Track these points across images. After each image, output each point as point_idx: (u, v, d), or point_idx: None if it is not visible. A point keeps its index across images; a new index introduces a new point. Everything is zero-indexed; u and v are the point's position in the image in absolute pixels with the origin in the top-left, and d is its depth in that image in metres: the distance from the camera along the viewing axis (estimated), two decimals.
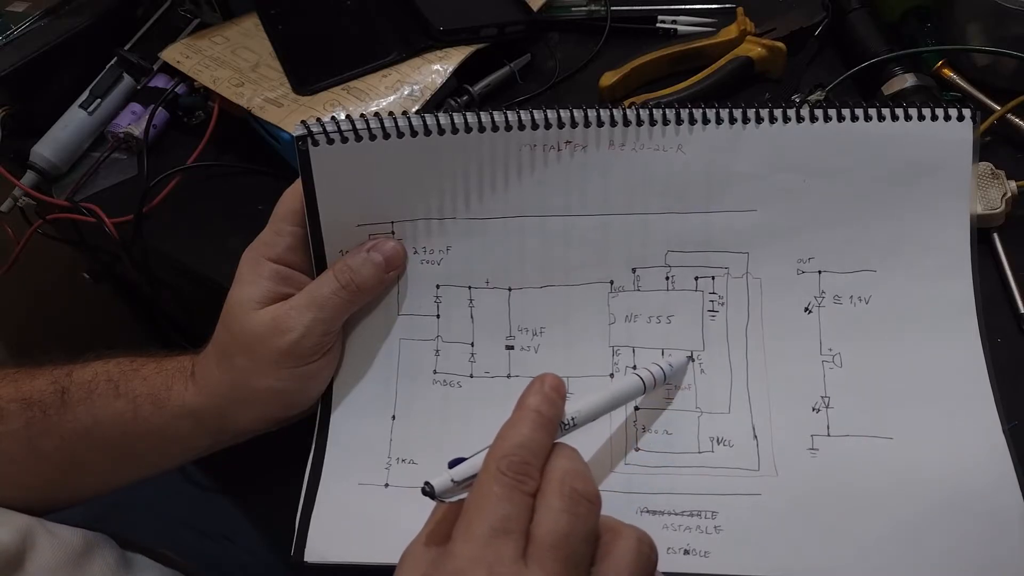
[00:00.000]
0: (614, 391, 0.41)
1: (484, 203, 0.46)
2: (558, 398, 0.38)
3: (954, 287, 0.45)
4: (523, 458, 0.35)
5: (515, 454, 0.35)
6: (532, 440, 0.36)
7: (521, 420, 0.37)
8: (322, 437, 0.46)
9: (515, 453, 0.35)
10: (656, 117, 0.45)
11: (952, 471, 0.42)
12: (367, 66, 0.64)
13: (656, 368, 0.43)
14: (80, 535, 0.47)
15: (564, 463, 0.36)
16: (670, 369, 0.44)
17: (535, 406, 0.37)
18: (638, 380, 0.43)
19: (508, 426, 0.37)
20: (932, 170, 0.45)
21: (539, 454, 0.36)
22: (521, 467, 0.35)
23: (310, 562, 0.43)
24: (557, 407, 0.38)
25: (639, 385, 0.43)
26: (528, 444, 0.36)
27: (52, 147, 0.67)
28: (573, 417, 0.39)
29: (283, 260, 0.45)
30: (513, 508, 0.34)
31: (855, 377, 0.45)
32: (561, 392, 0.38)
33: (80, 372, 0.47)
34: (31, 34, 0.69)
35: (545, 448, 0.36)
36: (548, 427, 0.37)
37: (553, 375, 0.39)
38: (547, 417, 0.37)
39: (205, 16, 0.72)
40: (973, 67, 0.61)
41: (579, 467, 0.36)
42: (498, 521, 0.33)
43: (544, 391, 0.38)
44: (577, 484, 0.35)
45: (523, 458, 0.35)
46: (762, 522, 0.42)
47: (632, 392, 0.42)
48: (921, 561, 0.41)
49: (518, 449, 0.35)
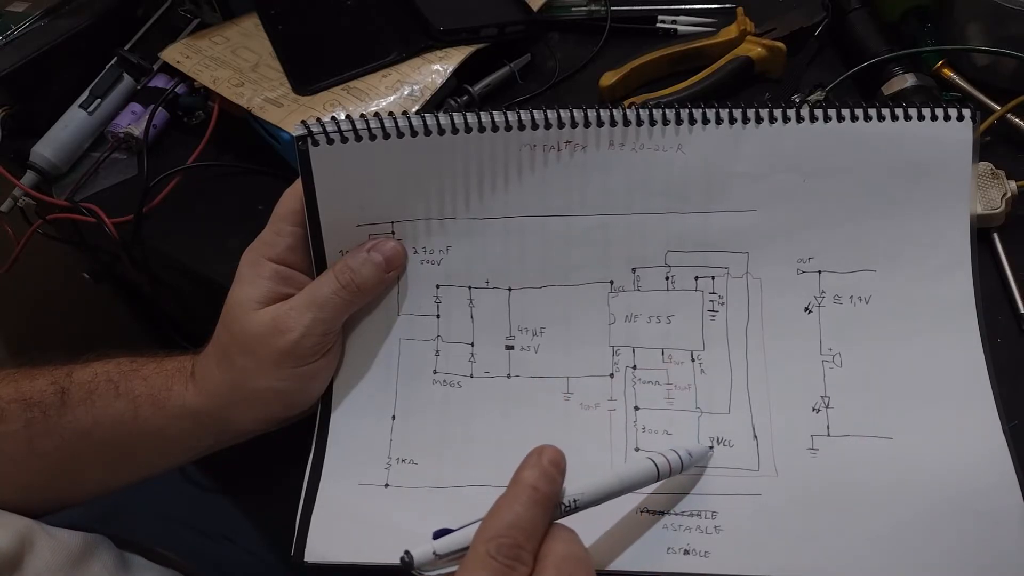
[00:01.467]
0: (623, 476, 0.38)
1: (484, 203, 0.46)
2: (557, 473, 0.35)
3: (954, 287, 0.45)
4: (515, 540, 0.32)
5: (506, 535, 0.32)
6: (524, 519, 0.33)
7: (515, 497, 0.34)
8: (322, 437, 0.46)
9: (506, 534, 0.32)
10: (656, 117, 0.45)
11: (952, 471, 0.42)
12: (367, 66, 0.64)
13: (674, 456, 0.41)
14: (79, 537, 0.47)
15: (560, 548, 0.33)
16: (688, 458, 0.41)
17: (531, 482, 0.34)
18: (652, 466, 0.39)
19: (501, 502, 0.34)
20: (932, 170, 0.45)
21: (533, 536, 0.33)
22: (512, 551, 0.32)
23: (310, 562, 0.43)
24: (555, 483, 0.35)
25: (652, 472, 0.39)
26: (521, 524, 0.33)
27: (52, 147, 0.67)
28: (575, 499, 0.36)
29: (283, 260, 0.45)
30: None
31: (855, 377, 0.45)
32: (560, 467, 0.35)
33: (80, 372, 0.47)
34: (31, 34, 0.69)
35: (540, 529, 0.34)
36: (544, 505, 0.34)
37: (553, 448, 0.36)
38: (544, 494, 0.34)
39: (205, 16, 0.72)
40: (973, 67, 0.61)
41: (576, 552, 0.34)
42: None
43: (542, 465, 0.35)
44: (576, 572, 0.33)
45: (515, 540, 0.32)
46: (762, 522, 0.42)
47: (643, 479, 0.39)
48: (921, 561, 0.41)
49: (509, 529, 0.33)
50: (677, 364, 0.46)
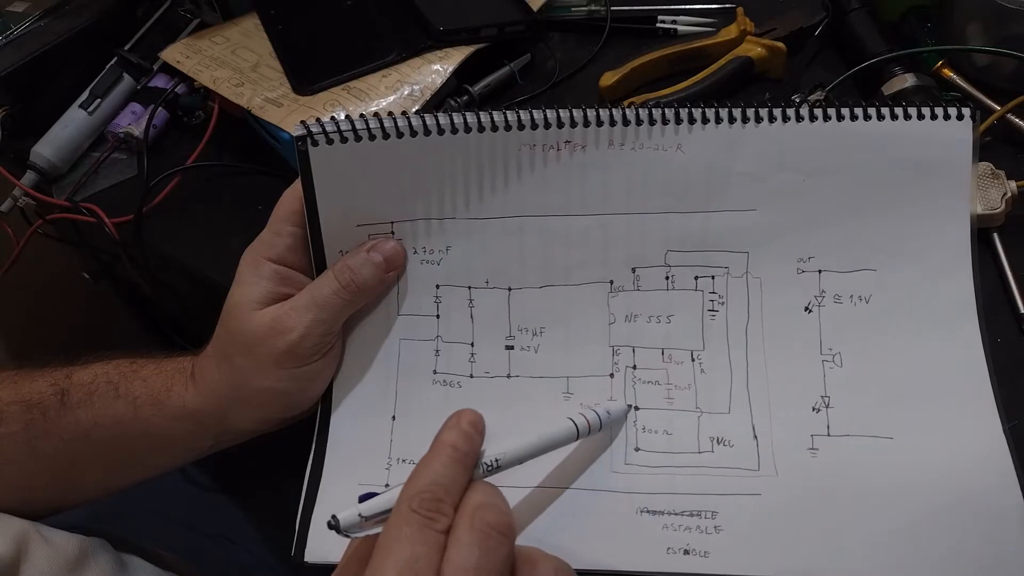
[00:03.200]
0: (542, 435, 0.40)
1: (484, 203, 0.46)
2: (475, 433, 0.37)
3: (954, 287, 0.45)
4: (435, 494, 0.34)
5: (427, 491, 0.34)
6: (445, 476, 0.35)
7: (435, 456, 0.36)
8: (322, 437, 0.46)
9: (427, 490, 0.34)
10: (656, 117, 0.45)
11: (952, 471, 0.42)
12: (367, 66, 0.64)
13: (592, 414, 0.42)
14: (76, 541, 0.47)
15: (478, 497, 0.35)
16: (607, 416, 0.43)
17: (450, 441, 0.36)
18: (571, 425, 0.41)
19: (422, 463, 0.36)
20: (932, 170, 0.45)
21: (452, 490, 0.35)
22: (433, 504, 0.34)
23: (310, 562, 0.43)
24: (473, 442, 0.37)
25: (571, 431, 0.41)
26: (440, 480, 0.35)
27: (52, 147, 0.67)
28: (497, 458, 0.37)
29: (283, 260, 0.45)
30: (423, 548, 0.33)
31: (855, 377, 0.45)
32: (479, 428, 0.37)
33: (80, 374, 0.47)
34: (31, 34, 0.69)
35: (459, 484, 0.35)
36: (463, 462, 0.36)
37: (471, 411, 0.38)
38: (462, 452, 0.36)
39: (205, 16, 0.72)
40: (973, 67, 0.61)
41: (492, 500, 0.35)
42: (407, 562, 0.32)
43: (461, 426, 0.37)
44: (488, 516, 0.34)
45: (435, 494, 0.34)
46: (762, 522, 0.42)
47: (564, 438, 0.41)
48: (921, 561, 0.41)
49: (430, 486, 0.34)
50: (677, 364, 0.46)
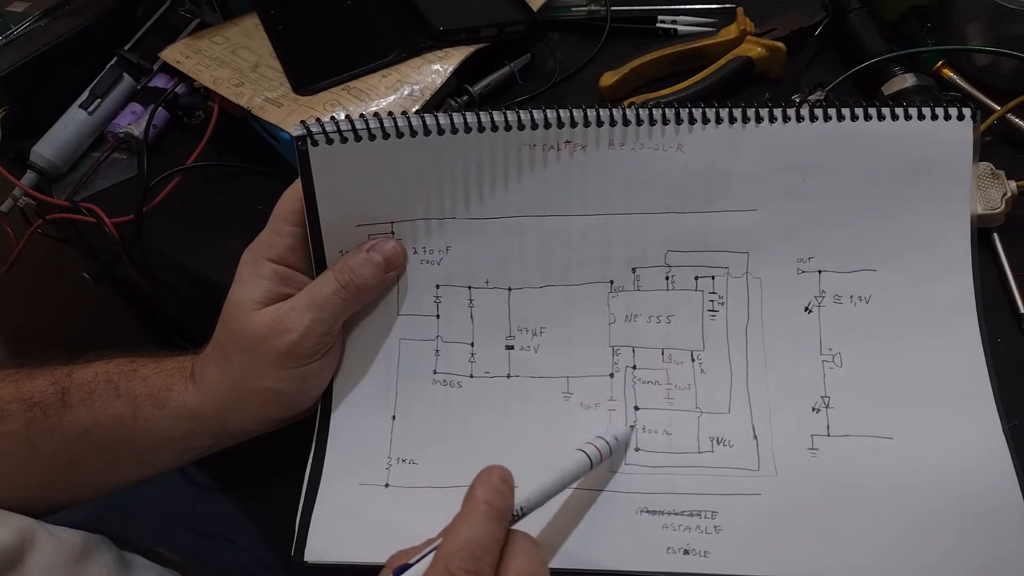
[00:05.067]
0: (561, 472, 0.40)
1: (484, 203, 0.46)
2: (507, 489, 0.36)
3: (954, 287, 0.45)
4: (474, 554, 0.33)
5: (465, 551, 0.33)
6: (483, 534, 0.34)
7: (471, 514, 0.35)
8: (322, 437, 0.46)
9: (465, 550, 0.33)
10: (656, 117, 0.45)
11: (952, 471, 0.42)
12: (367, 66, 0.64)
13: (601, 443, 0.42)
14: (79, 536, 0.47)
15: (518, 562, 0.34)
16: (615, 443, 0.43)
17: (485, 498, 0.35)
18: (584, 457, 0.41)
19: (458, 520, 0.35)
20: (932, 170, 0.45)
21: (492, 548, 0.34)
22: (472, 564, 0.33)
23: (310, 562, 0.43)
24: (508, 499, 0.36)
25: (586, 462, 0.41)
26: (479, 539, 0.34)
27: (52, 147, 0.67)
28: (522, 506, 0.37)
29: (283, 260, 0.45)
30: None
31: (855, 377, 0.45)
32: (510, 483, 0.37)
33: (80, 373, 0.47)
34: (31, 34, 0.69)
35: (498, 541, 0.34)
36: (500, 519, 0.35)
37: (501, 467, 0.37)
38: (498, 509, 0.35)
39: (205, 16, 0.72)
40: (973, 67, 0.61)
41: (535, 565, 0.34)
42: None
43: (493, 482, 0.36)
44: None
45: (474, 554, 0.33)
46: (762, 522, 0.42)
47: (580, 471, 0.41)
48: (921, 560, 0.41)
49: (468, 543, 0.33)
50: (677, 364, 0.46)
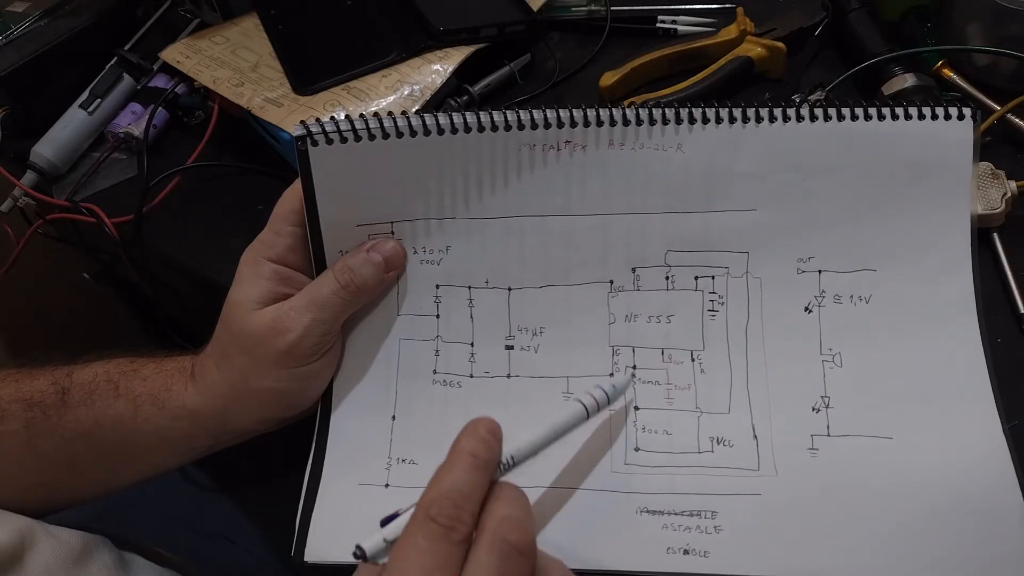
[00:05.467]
0: (554, 423, 0.39)
1: (484, 203, 0.46)
2: (494, 440, 0.36)
3: (954, 287, 0.45)
4: (455, 502, 0.33)
5: (446, 498, 0.33)
6: (464, 483, 0.33)
7: (454, 463, 0.34)
8: (322, 437, 0.46)
9: (446, 496, 0.33)
10: (656, 117, 0.45)
11: (952, 471, 0.42)
12: (367, 66, 0.64)
13: (599, 391, 0.42)
14: (79, 536, 0.47)
15: (501, 509, 0.34)
16: (613, 391, 0.42)
17: (469, 448, 0.35)
18: (579, 406, 0.41)
19: (440, 470, 0.34)
20: (932, 170, 0.45)
21: (472, 498, 0.33)
22: (452, 511, 0.32)
23: (310, 562, 0.43)
24: (493, 449, 0.35)
25: (580, 412, 0.41)
26: (460, 487, 0.33)
27: (52, 147, 0.67)
28: (512, 456, 0.37)
29: (283, 260, 0.45)
30: (438, 560, 0.31)
31: (855, 377, 0.45)
32: (497, 435, 0.36)
33: (80, 373, 0.47)
34: (31, 34, 0.69)
35: (480, 490, 0.34)
36: (484, 469, 0.34)
37: (489, 419, 0.36)
38: (482, 459, 0.34)
39: (205, 16, 0.72)
40: (973, 67, 0.61)
41: (516, 513, 0.34)
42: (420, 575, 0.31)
43: (479, 433, 0.35)
44: (511, 535, 0.32)
45: (455, 502, 0.33)
46: (762, 522, 0.42)
47: (573, 421, 0.40)
48: (921, 561, 0.41)
49: (449, 493, 0.33)
50: (677, 364, 0.46)
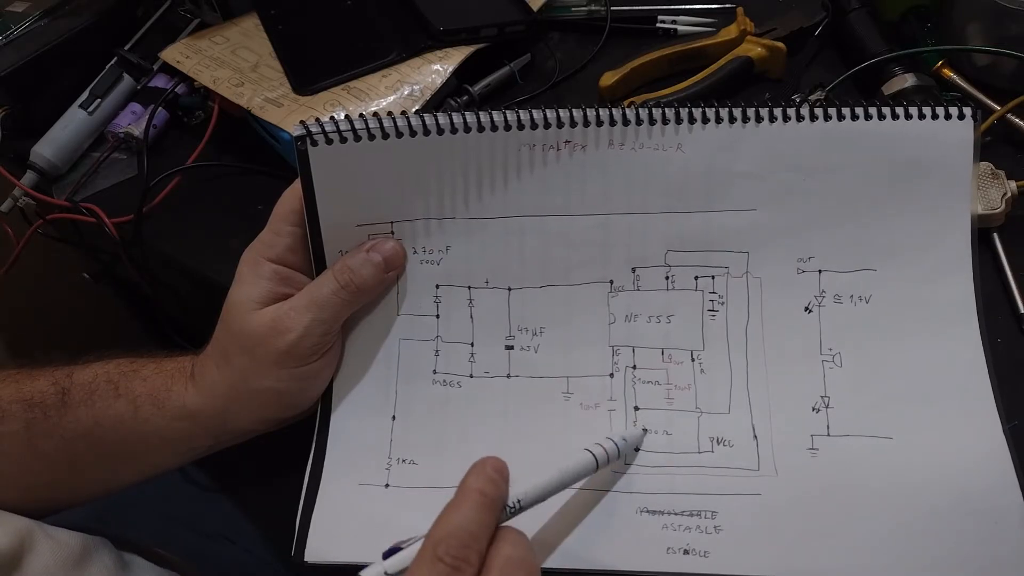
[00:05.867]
0: (564, 471, 0.39)
1: (484, 203, 0.46)
2: (501, 479, 0.36)
3: (954, 287, 0.45)
4: (462, 541, 0.33)
5: (454, 537, 0.33)
6: (472, 522, 0.34)
7: (462, 502, 0.35)
8: (322, 437, 0.46)
9: (454, 536, 0.33)
10: (656, 117, 0.45)
11: (952, 471, 0.42)
12: (367, 66, 0.64)
13: (610, 444, 0.42)
14: (78, 538, 0.47)
15: (507, 550, 0.34)
16: (624, 444, 0.42)
17: (477, 487, 0.35)
18: (590, 457, 0.41)
19: (448, 508, 0.35)
20: (932, 170, 0.45)
21: (480, 537, 0.34)
22: (460, 551, 0.33)
23: (310, 562, 0.43)
24: (500, 488, 0.36)
25: (591, 463, 0.41)
26: (468, 527, 0.34)
27: (52, 147, 0.67)
28: (519, 499, 0.37)
29: (283, 260, 0.45)
30: None
31: (855, 377, 0.45)
32: (504, 474, 0.36)
33: (80, 373, 0.47)
34: (31, 34, 0.69)
35: (487, 530, 0.34)
36: (491, 508, 0.35)
37: (496, 458, 0.37)
38: (490, 498, 0.35)
39: (205, 16, 0.72)
40: (973, 67, 0.61)
41: (523, 554, 0.34)
42: None
43: (486, 472, 0.36)
44: (518, 575, 0.33)
45: (462, 541, 0.33)
46: (762, 522, 0.42)
47: (583, 471, 0.40)
48: (921, 561, 0.41)
49: (457, 531, 0.33)
50: (677, 364, 0.46)
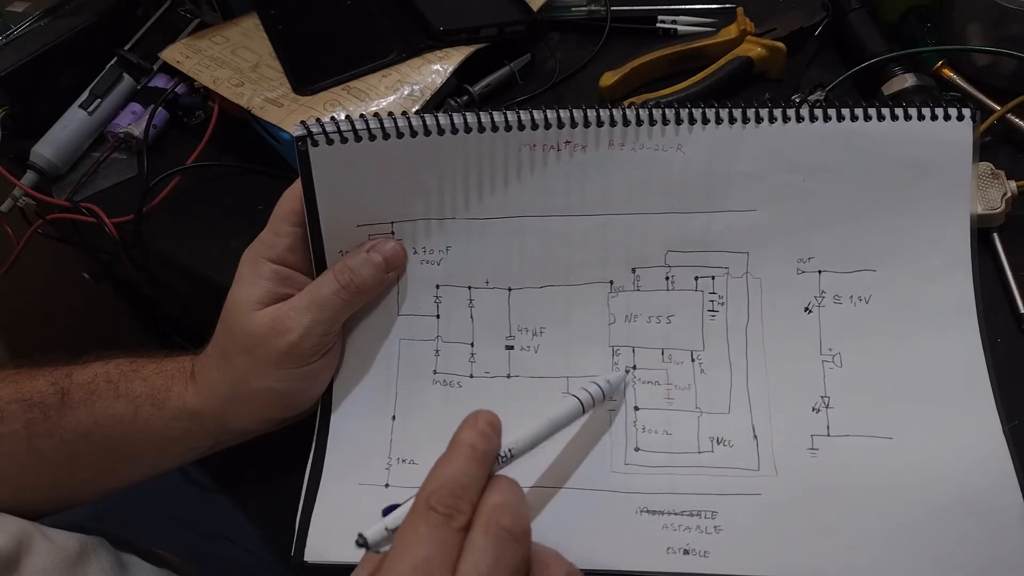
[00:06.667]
0: (551, 417, 0.40)
1: (484, 203, 0.46)
2: (493, 433, 0.37)
3: (954, 287, 0.45)
4: (453, 492, 0.34)
5: (445, 488, 0.34)
6: (464, 473, 0.35)
7: (453, 455, 0.35)
8: (322, 437, 0.46)
9: (445, 487, 0.34)
10: (656, 117, 0.45)
11: (952, 471, 0.42)
12: (367, 66, 0.64)
13: (594, 387, 0.42)
14: (76, 539, 0.47)
15: (495, 497, 0.35)
16: (608, 386, 0.43)
17: (469, 440, 0.36)
18: (576, 402, 0.41)
19: (440, 462, 0.35)
20: (932, 170, 0.45)
21: (471, 487, 0.35)
22: (451, 500, 0.34)
23: (310, 562, 0.43)
24: (492, 442, 0.37)
25: (577, 407, 0.41)
26: (459, 478, 0.34)
27: (52, 147, 0.67)
28: (510, 449, 0.38)
29: (283, 260, 0.45)
30: (437, 547, 0.33)
31: (855, 377, 0.45)
32: (496, 428, 0.37)
33: (80, 373, 0.47)
34: (31, 34, 0.69)
35: (478, 481, 0.35)
36: (482, 461, 0.36)
37: (488, 411, 0.37)
38: (481, 451, 0.36)
39: (205, 16, 0.72)
40: (973, 67, 0.61)
41: (510, 500, 0.35)
42: (422, 561, 0.32)
43: (478, 426, 0.36)
44: (504, 519, 0.34)
45: (453, 492, 0.34)
46: (762, 522, 0.42)
47: (570, 415, 0.41)
48: (921, 561, 0.41)
49: (448, 483, 0.34)
50: (677, 364, 0.46)
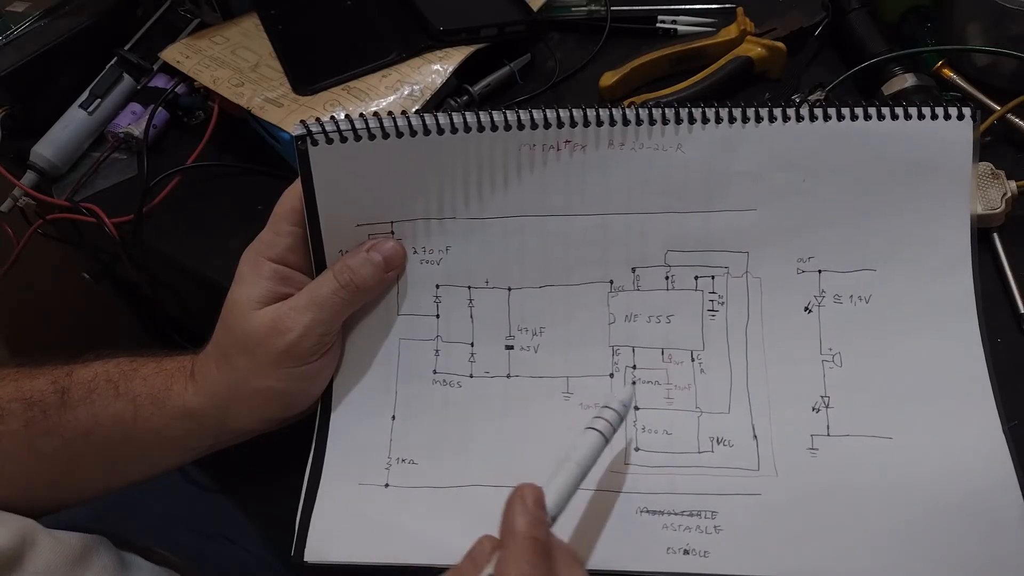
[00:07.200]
0: (578, 460, 0.39)
1: (484, 203, 0.46)
2: (543, 513, 0.35)
3: (954, 287, 0.45)
4: None
5: None
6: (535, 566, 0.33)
7: (520, 553, 0.33)
8: (322, 437, 0.46)
9: None
10: (656, 117, 0.45)
11: (952, 471, 0.42)
12: (367, 66, 0.64)
13: (610, 412, 0.41)
14: (78, 538, 0.47)
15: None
16: (623, 408, 0.42)
17: (530, 533, 0.34)
18: (597, 436, 0.40)
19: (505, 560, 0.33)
20: (932, 170, 0.45)
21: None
22: None
23: (310, 562, 0.43)
24: (545, 524, 0.35)
25: (600, 441, 0.40)
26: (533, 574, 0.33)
27: (52, 147, 0.67)
28: (552, 517, 0.36)
29: (283, 260, 0.45)
30: None
31: (855, 377, 0.45)
32: (543, 503, 0.35)
33: (80, 372, 0.47)
34: (31, 34, 0.69)
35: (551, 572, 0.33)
36: (546, 552, 0.34)
37: (531, 486, 0.36)
38: (543, 542, 0.34)
39: (205, 16, 0.72)
40: (973, 67, 0.61)
41: None
42: None
43: (530, 510, 0.34)
44: None
45: None
46: (762, 522, 0.42)
47: (595, 451, 0.40)
48: (921, 560, 0.41)
49: None
50: (677, 364, 0.46)
